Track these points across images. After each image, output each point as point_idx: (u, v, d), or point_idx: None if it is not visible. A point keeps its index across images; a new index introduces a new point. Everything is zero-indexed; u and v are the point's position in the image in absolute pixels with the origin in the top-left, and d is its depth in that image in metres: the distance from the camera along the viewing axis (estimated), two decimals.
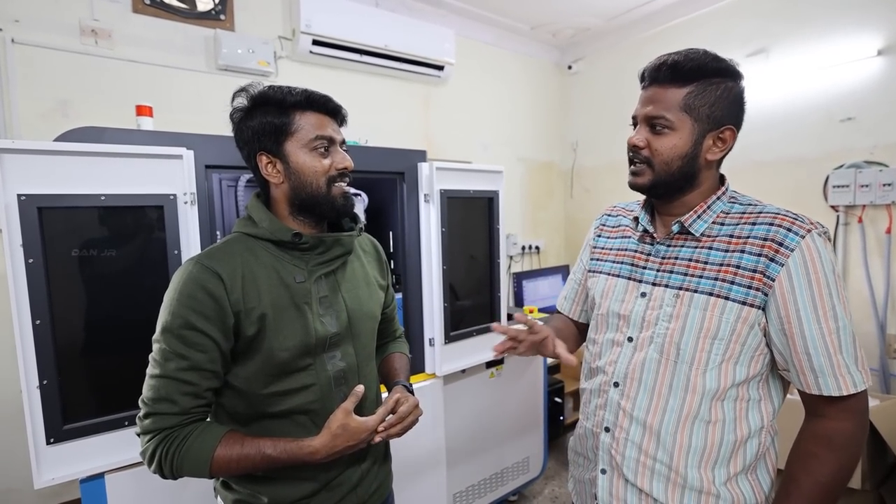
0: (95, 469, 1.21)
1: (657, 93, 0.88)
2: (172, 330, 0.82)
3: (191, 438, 0.83)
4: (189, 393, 0.83)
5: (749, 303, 0.83)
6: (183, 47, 2.12)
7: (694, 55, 0.86)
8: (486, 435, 2.17)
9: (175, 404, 0.82)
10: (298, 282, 0.92)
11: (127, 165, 1.19)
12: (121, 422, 1.22)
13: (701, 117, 0.86)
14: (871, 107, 2.29)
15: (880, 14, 2.23)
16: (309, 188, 0.91)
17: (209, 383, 0.86)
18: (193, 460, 0.82)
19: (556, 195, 3.82)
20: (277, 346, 0.88)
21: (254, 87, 0.91)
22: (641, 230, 0.99)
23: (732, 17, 2.75)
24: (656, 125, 0.88)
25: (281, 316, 0.89)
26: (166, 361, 0.82)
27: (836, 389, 0.79)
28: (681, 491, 0.88)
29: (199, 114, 2.15)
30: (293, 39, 2.36)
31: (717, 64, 0.86)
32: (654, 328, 0.91)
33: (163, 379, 0.82)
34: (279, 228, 0.91)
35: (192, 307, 0.83)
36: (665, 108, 0.86)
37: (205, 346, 0.83)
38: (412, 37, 2.61)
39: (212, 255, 0.88)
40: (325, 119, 0.92)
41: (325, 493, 0.95)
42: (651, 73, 0.90)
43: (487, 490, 2.21)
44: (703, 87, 0.85)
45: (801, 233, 0.81)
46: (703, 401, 0.86)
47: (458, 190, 1.84)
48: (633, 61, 3.45)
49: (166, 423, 0.82)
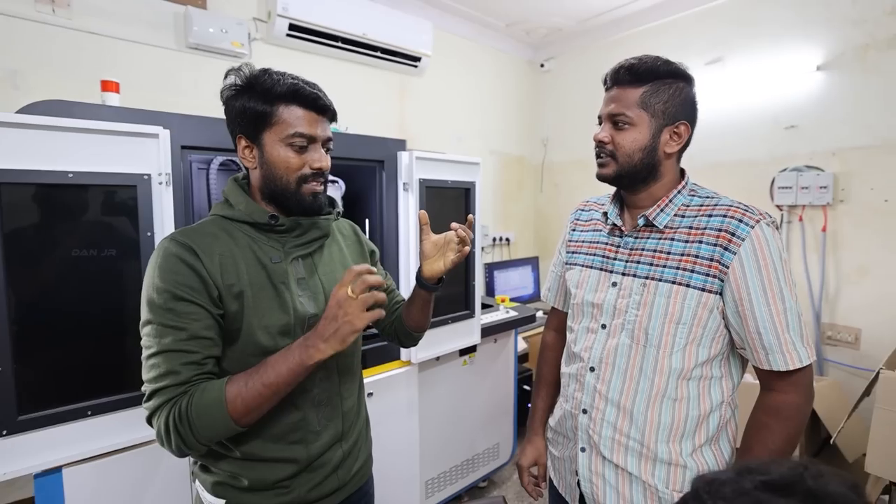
0: (52, 462, 1.15)
1: (618, 93, 0.97)
2: (161, 306, 0.80)
3: (196, 394, 0.79)
4: (191, 362, 0.80)
5: (708, 289, 0.90)
6: (150, 22, 2.02)
7: (647, 59, 0.96)
8: (459, 422, 2.20)
9: (178, 374, 0.79)
10: (274, 262, 0.91)
11: (98, 142, 1.14)
12: (83, 412, 1.17)
13: (657, 113, 0.95)
14: (811, 116, 2.49)
15: (819, 34, 2.43)
16: (279, 182, 0.89)
17: (209, 351, 0.83)
18: (209, 410, 0.78)
19: (527, 188, 3.89)
20: (257, 324, 0.87)
21: (247, 67, 0.89)
22: (610, 224, 1.06)
23: (694, 27, 2.89)
24: (618, 122, 0.97)
25: (259, 295, 0.88)
26: (161, 337, 0.80)
27: (783, 364, 0.87)
28: (652, 464, 0.95)
29: (167, 93, 2.07)
30: (269, 22, 2.29)
31: (667, 67, 0.96)
32: (625, 315, 0.98)
33: (160, 355, 0.79)
34: (256, 210, 0.91)
35: (175, 280, 0.81)
36: (625, 106, 0.95)
37: (197, 314, 0.81)
38: (391, 27, 2.58)
39: (185, 233, 0.87)
40: (310, 115, 0.89)
41: (306, 475, 0.94)
42: (612, 76, 0.99)
43: (459, 476, 2.25)
44: (657, 86, 0.94)
45: (751, 223, 0.89)
46: (669, 380, 0.94)
47: (436, 180, 1.85)
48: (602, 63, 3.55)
49: (170, 395, 0.79)
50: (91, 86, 1.36)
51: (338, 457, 0.99)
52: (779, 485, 0.41)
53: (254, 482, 0.90)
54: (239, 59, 2.24)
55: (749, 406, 0.96)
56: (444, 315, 1.95)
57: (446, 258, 1.04)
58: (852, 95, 2.37)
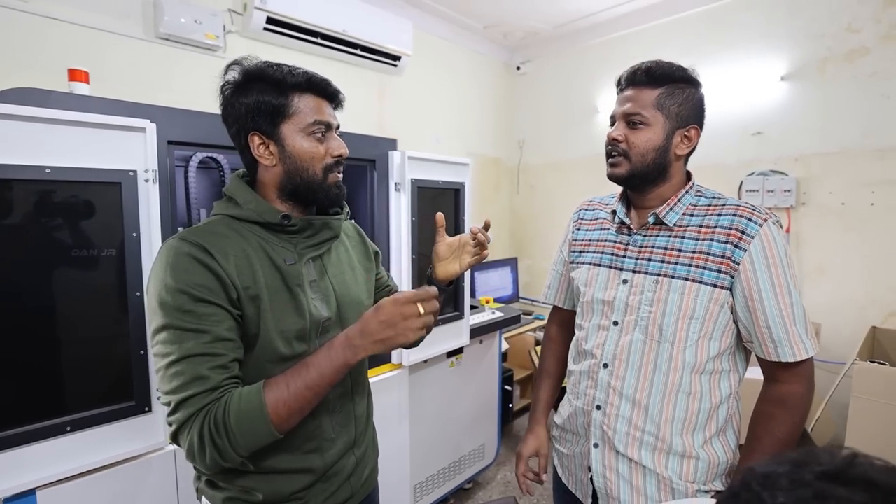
0: (25, 485, 1.05)
1: (634, 93, 0.98)
2: (178, 308, 0.74)
3: (233, 402, 0.73)
4: (218, 366, 0.74)
5: (719, 285, 0.93)
6: (117, 10, 1.89)
7: (664, 63, 0.98)
8: (446, 424, 2.19)
9: (206, 380, 0.73)
10: (289, 264, 0.87)
11: (78, 135, 1.05)
12: (61, 427, 1.07)
13: (671, 115, 0.97)
14: (776, 124, 2.63)
15: (783, 46, 2.57)
16: (305, 174, 0.86)
17: (235, 353, 0.78)
18: (249, 419, 0.72)
19: (503, 190, 3.91)
20: (275, 329, 0.82)
21: (249, 60, 0.85)
22: (619, 222, 1.07)
23: (666, 35, 3.00)
24: (633, 121, 0.98)
25: (275, 298, 0.84)
26: (182, 343, 0.73)
27: (791, 356, 0.90)
28: (666, 457, 0.97)
29: (136, 85, 1.94)
30: (244, 14, 2.20)
31: (682, 72, 0.98)
32: (638, 312, 0.99)
33: (184, 361, 0.73)
34: (267, 210, 0.86)
35: (190, 282, 0.75)
36: (641, 106, 0.97)
37: (219, 316, 0.76)
38: (372, 25, 2.53)
39: (195, 232, 0.81)
40: (323, 103, 0.88)
41: (320, 485, 0.91)
42: (628, 77, 1.00)
43: (446, 479, 2.23)
44: (672, 89, 0.97)
45: (760, 222, 0.92)
46: (683, 375, 0.96)
47: (427, 180, 1.82)
48: (577, 67, 3.76)
49: (202, 402, 0.72)
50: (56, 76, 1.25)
51: (351, 464, 0.96)
52: (837, 474, 0.41)
53: (269, 495, 0.86)
54: (213, 52, 2.14)
55: (748, 399, 0.99)
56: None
57: (462, 260, 1.03)
58: (813, 105, 2.50)
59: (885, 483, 0.39)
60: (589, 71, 3.36)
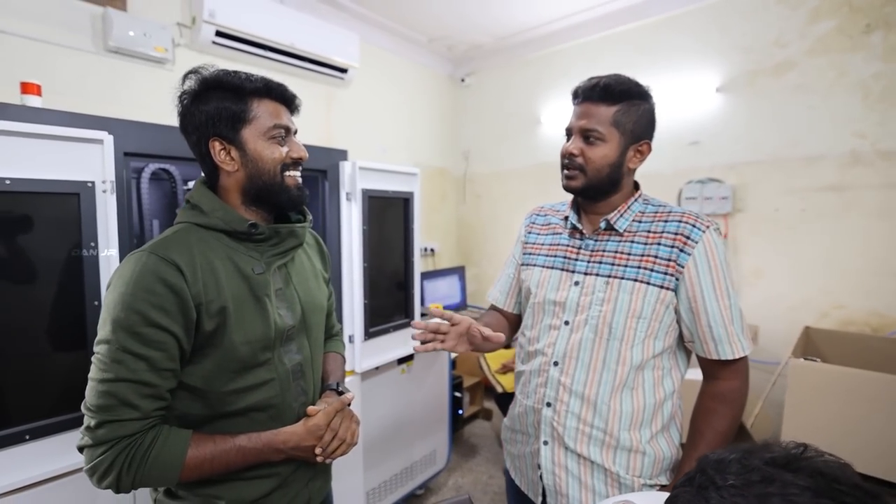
0: None
1: (590, 108, 1.01)
2: (128, 328, 0.75)
3: (157, 444, 0.77)
4: (150, 395, 0.77)
5: (665, 286, 0.99)
6: (65, 22, 1.87)
7: (622, 79, 1.01)
8: (398, 430, 2.22)
9: (136, 409, 0.76)
10: (258, 273, 0.89)
11: (37, 147, 1.07)
12: (20, 436, 1.08)
13: (626, 132, 1.01)
14: (711, 133, 2.75)
15: (717, 59, 2.71)
16: (265, 176, 0.88)
17: (169, 383, 0.80)
18: (163, 467, 0.77)
19: (449, 200, 4.03)
20: (239, 339, 0.84)
21: (206, 68, 0.87)
22: (571, 227, 1.12)
23: (603, 49, 3.15)
24: (590, 136, 1.01)
25: (241, 308, 0.85)
26: (120, 363, 0.75)
27: (730, 354, 0.97)
28: (614, 452, 1.02)
29: (86, 98, 1.93)
30: (193, 28, 2.22)
31: (638, 88, 1.03)
32: (588, 311, 1.04)
33: (118, 382, 0.75)
34: (235, 218, 0.87)
35: (150, 302, 0.76)
36: (598, 123, 1.00)
37: (165, 344, 0.78)
38: (319, 38, 2.60)
39: (167, 245, 0.81)
40: (280, 108, 0.90)
41: (280, 491, 0.94)
42: (585, 91, 1.03)
43: (398, 485, 2.25)
44: (628, 106, 1.00)
45: (703, 228, 0.98)
46: (629, 371, 1.01)
47: (378, 189, 1.91)
48: (518, 79, 3.92)
49: (126, 430, 0.75)
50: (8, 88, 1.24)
51: (312, 470, 1.00)
52: (784, 461, 0.43)
53: (232, 501, 0.88)
54: (162, 65, 2.15)
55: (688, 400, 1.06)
56: (385, 324, 2.00)
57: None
58: (745, 115, 2.62)
59: (830, 473, 0.42)
60: (530, 83, 3.50)
